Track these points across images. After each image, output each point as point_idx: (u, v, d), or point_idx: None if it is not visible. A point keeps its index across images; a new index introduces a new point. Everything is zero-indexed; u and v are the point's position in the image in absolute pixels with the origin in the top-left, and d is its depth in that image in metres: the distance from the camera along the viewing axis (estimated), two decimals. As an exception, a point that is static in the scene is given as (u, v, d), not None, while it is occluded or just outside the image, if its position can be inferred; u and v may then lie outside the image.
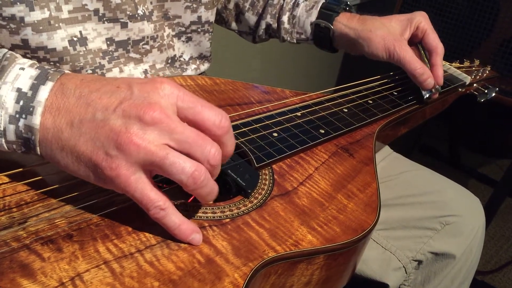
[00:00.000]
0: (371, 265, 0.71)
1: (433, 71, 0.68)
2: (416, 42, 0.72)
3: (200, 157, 0.37)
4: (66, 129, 0.36)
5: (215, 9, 0.70)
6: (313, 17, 0.75)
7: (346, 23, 0.72)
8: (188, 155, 0.36)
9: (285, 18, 0.77)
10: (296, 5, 0.77)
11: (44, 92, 0.36)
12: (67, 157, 0.36)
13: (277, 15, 0.78)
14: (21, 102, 0.36)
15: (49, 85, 0.37)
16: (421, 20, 0.69)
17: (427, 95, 0.70)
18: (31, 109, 0.36)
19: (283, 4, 0.78)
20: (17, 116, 0.36)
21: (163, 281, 0.35)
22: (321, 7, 0.75)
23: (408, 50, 0.67)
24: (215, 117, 0.37)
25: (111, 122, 0.35)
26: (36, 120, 0.36)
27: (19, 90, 0.37)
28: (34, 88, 0.37)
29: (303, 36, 0.78)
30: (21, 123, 0.36)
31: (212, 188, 0.38)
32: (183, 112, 0.37)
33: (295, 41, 0.79)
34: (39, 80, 0.37)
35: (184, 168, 0.36)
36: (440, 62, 0.69)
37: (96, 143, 0.35)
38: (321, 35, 0.75)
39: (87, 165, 0.36)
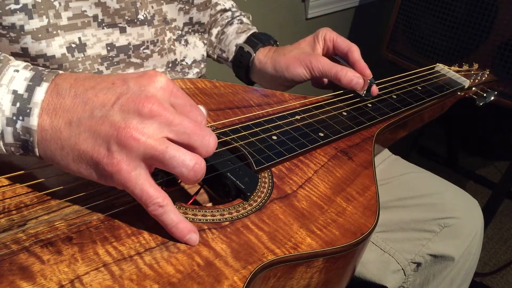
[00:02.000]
0: (370, 268, 0.71)
1: (356, 68, 0.67)
2: (332, 55, 0.72)
3: (200, 146, 0.37)
4: (65, 128, 0.36)
5: (208, 10, 0.71)
6: (241, 40, 0.76)
7: (266, 53, 0.73)
8: (187, 145, 0.37)
9: (214, 31, 0.78)
10: (230, 23, 0.78)
11: (40, 93, 0.37)
12: (68, 156, 0.37)
13: (208, 26, 0.78)
14: (18, 104, 0.36)
15: (45, 86, 0.37)
16: (325, 32, 0.70)
17: (363, 93, 0.67)
18: (28, 110, 0.36)
19: (218, 18, 0.79)
20: (14, 118, 0.36)
21: (162, 283, 0.35)
22: (251, 34, 0.76)
23: (325, 60, 0.67)
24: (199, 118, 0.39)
25: (110, 118, 0.35)
26: (34, 121, 0.36)
27: (15, 92, 0.37)
28: (30, 89, 0.37)
29: (224, 55, 0.78)
30: (19, 125, 0.37)
31: (203, 176, 0.38)
32: (174, 107, 0.38)
33: (215, 57, 0.79)
34: (34, 82, 0.37)
35: (184, 161, 0.36)
36: (359, 57, 0.68)
37: (97, 140, 0.35)
38: (241, 60, 0.75)
39: (88, 162, 0.36)
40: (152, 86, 0.37)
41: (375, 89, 0.68)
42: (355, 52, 0.68)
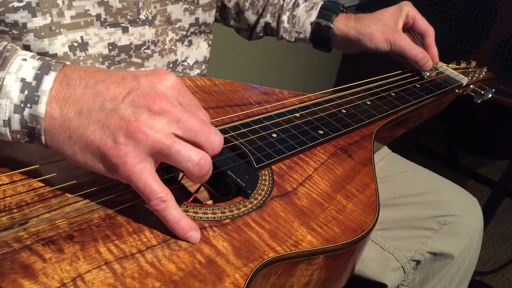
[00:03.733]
0: (370, 265, 0.71)
1: (429, 52, 0.75)
2: (407, 28, 0.78)
3: (205, 144, 0.38)
4: (75, 118, 0.37)
5: (213, 11, 0.71)
6: (313, 17, 0.78)
7: (345, 22, 0.76)
8: (194, 142, 0.38)
9: (284, 18, 0.80)
10: (296, 5, 0.80)
11: (48, 82, 0.37)
12: (75, 146, 0.37)
13: (276, 15, 0.81)
14: (26, 92, 0.37)
15: (53, 75, 0.37)
16: (408, 9, 0.76)
17: (428, 74, 0.78)
18: (36, 98, 0.37)
19: (283, 5, 0.81)
20: (22, 105, 0.37)
21: (164, 281, 0.36)
22: (320, 8, 0.79)
23: (406, 38, 0.73)
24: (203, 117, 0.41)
25: (121, 111, 0.36)
26: (41, 109, 0.37)
27: (23, 80, 0.37)
28: (38, 78, 0.37)
29: (301, 36, 0.80)
30: (26, 112, 0.37)
31: (209, 174, 0.39)
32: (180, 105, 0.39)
33: (293, 39, 0.82)
34: (42, 70, 0.37)
35: (190, 155, 0.37)
36: (433, 43, 0.76)
37: (106, 132, 0.36)
38: (320, 34, 0.78)
39: (94, 153, 0.37)
40: (162, 84, 0.38)
41: (433, 74, 0.78)
42: (431, 37, 0.76)
